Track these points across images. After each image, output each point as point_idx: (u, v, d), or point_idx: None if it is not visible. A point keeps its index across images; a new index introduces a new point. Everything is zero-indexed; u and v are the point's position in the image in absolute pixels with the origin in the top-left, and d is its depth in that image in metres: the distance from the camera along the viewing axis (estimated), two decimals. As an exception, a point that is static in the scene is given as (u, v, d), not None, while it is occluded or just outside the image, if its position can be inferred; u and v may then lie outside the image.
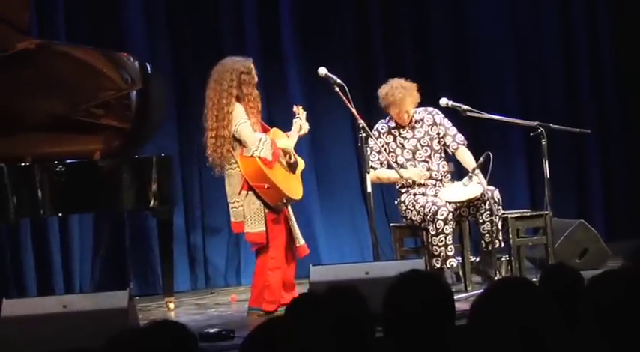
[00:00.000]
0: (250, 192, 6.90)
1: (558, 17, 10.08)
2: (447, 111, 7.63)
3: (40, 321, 5.74)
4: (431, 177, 7.51)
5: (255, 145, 6.86)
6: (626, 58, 10.15)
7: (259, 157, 6.86)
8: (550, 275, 3.99)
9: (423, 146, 7.54)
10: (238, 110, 6.92)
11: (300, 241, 7.11)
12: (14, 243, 8.30)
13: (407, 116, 7.51)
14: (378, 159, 7.46)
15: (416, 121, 7.58)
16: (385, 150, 7.50)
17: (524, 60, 10.02)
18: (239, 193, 6.93)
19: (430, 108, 7.63)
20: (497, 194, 7.33)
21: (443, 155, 7.60)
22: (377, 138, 7.50)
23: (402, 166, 7.48)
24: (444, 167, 7.58)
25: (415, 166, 7.50)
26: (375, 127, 7.59)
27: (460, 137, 7.62)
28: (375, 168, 7.44)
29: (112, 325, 5.32)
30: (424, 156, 7.53)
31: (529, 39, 10.05)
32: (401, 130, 7.56)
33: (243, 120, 6.90)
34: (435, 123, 7.60)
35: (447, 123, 7.63)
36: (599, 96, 10.13)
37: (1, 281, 8.11)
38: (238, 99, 6.95)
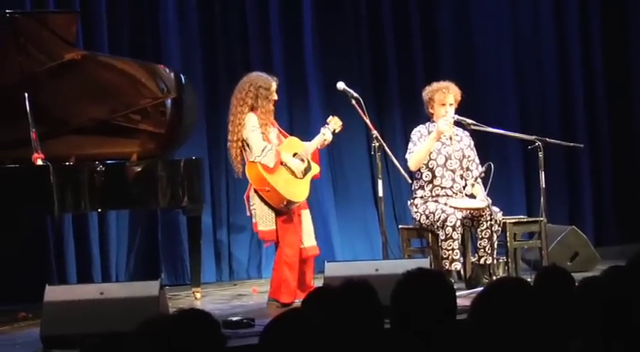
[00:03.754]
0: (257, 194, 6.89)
1: (556, 47, 10.02)
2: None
3: (79, 306, 5.74)
4: (451, 188, 7.40)
5: (259, 152, 6.81)
6: (616, 79, 10.10)
7: (260, 163, 6.83)
8: (544, 276, 3.98)
9: (455, 158, 7.43)
10: (250, 118, 6.88)
11: (304, 243, 7.00)
12: (57, 236, 8.30)
13: (449, 107, 7.33)
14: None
15: (456, 134, 7.46)
16: None
17: (524, 81, 9.97)
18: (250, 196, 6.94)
19: (467, 132, 7.54)
20: (500, 215, 7.28)
21: (463, 174, 7.50)
22: (419, 139, 7.38)
23: (431, 170, 7.37)
24: (461, 184, 7.47)
25: (443, 176, 7.37)
26: (417, 129, 7.45)
27: (480, 169, 7.44)
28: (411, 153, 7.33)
29: (144, 311, 5.30)
30: (453, 167, 7.41)
31: (529, 64, 10.01)
32: (441, 136, 7.41)
33: (254, 128, 6.86)
34: (470, 147, 7.53)
35: (475, 151, 7.57)
36: (591, 114, 10.08)
37: (44, 270, 8.11)
38: (253, 109, 6.91)
